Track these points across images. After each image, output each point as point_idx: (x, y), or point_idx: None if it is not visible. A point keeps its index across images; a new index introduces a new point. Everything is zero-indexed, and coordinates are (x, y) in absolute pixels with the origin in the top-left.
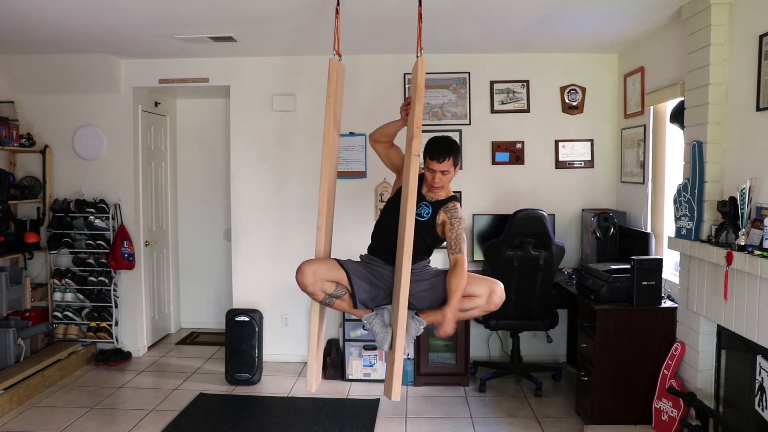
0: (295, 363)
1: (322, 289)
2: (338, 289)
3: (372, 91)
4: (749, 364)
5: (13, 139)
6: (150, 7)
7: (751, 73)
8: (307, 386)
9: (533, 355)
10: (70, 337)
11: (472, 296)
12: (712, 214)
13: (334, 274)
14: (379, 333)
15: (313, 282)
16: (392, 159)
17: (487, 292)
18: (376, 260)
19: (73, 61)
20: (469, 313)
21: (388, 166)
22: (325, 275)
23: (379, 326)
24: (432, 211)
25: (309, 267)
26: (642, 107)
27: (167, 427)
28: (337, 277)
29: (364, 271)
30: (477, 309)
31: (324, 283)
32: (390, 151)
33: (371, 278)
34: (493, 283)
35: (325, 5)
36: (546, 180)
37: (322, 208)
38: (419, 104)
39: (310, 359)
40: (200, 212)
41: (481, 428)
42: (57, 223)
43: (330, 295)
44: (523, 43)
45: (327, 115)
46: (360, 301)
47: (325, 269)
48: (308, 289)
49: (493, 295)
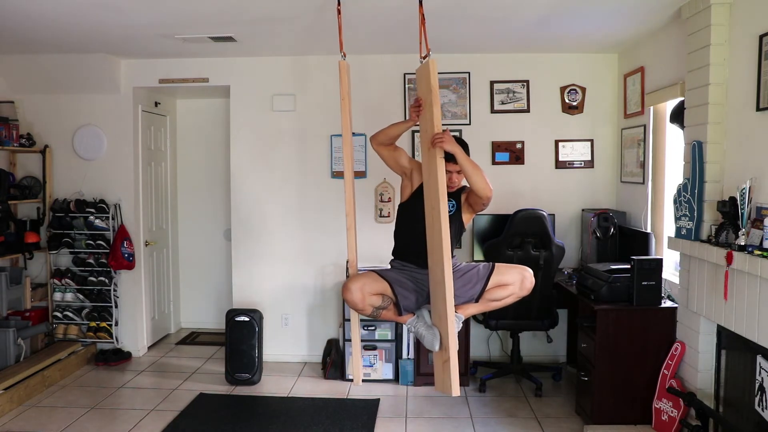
0: (295, 363)
1: (371, 304)
2: (384, 301)
3: (372, 92)
4: (749, 364)
5: (13, 139)
6: (150, 7)
7: (751, 73)
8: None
9: (533, 355)
10: (70, 337)
11: (505, 285)
12: (712, 214)
13: (378, 286)
14: (426, 335)
15: (362, 298)
16: (399, 161)
17: (519, 279)
18: (409, 265)
19: (73, 61)
20: (504, 301)
21: (394, 168)
22: (370, 289)
23: (424, 329)
24: (456, 203)
25: (355, 284)
26: (642, 107)
27: (167, 427)
28: (381, 289)
29: (403, 278)
30: (511, 296)
31: (371, 297)
32: (396, 153)
33: (408, 284)
34: (523, 269)
35: (326, 6)
36: (546, 180)
37: (349, 209)
38: (437, 106)
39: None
40: (200, 212)
41: (481, 428)
42: (57, 223)
43: (377, 308)
44: (523, 43)
45: (343, 117)
46: (404, 308)
47: (370, 283)
48: (358, 306)
49: (525, 281)
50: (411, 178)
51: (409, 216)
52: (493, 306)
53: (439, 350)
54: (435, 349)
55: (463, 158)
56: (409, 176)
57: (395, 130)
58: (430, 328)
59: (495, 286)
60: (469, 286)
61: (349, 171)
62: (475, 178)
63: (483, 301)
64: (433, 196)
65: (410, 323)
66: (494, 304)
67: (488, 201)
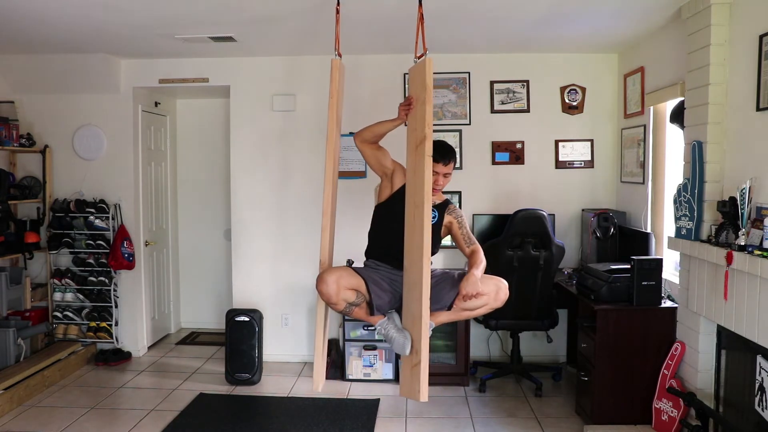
0: (295, 363)
1: (344, 299)
2: (358, 297)
3: (372, 91)
4: (749, 364)
5: (13, 139)
6: (150, 7)
7: (751, 73)
8: (314, 386)
9: (533, 355)
10: (70, 337)
11: (479, 294)
12: (712, 214)
13: (353, 281)
14: (396, 338)
15: (337, 291)
16: (381, 161)
17: (494, 290)
18: (384, 266)
19: (73, 61)
20: (477, 311)
21: (375, 168)
22: (346, 283)
23: (394, 331)
24: (438, 214)
25: (331, 276)
26: (642, 107)
27: (167, 427)
28: (356, 285)
29: (377, 277)
30: (485, 307)
31: (346, 292)
32: (378, 153)
33: (384, 284)
34: (499, 281)
35: (325, 5)
36: (546, 180)
37: (326, 209)
38: (429, 105)
39: (317, 359)
40: (200, 212)
41: (481, 428)
42: (57, 223)
43: (350, 304)
44: (523, 43)
45: (330, 115)
46: (377, 307)
47: (347, 277)
48: (331, 299)
49: (500, 292)
50: (392, 179)
51: (387, 216)
52: (465, 315)
53: (409, 354)
54: (405, 353)
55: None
56: (389, 177)
57: (382, 128)
58: (401, 331)
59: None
60: (443, 293)
61: (331, 170)
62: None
63: (455, 309)
64: (418, 193)
65: (380, 324)
66: (466, 314)
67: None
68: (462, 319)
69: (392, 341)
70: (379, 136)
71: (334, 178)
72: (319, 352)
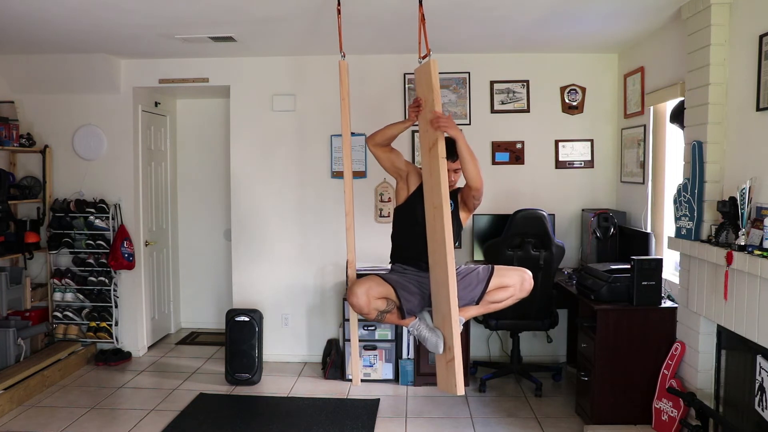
0: (295, 363)
1: (376, 308)
2: (389, 305)
3: (372, 91)
4: (749, 364)
5: (13, 139)
6: (150, 7)
7: (751, 73)
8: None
9: (533, 355)
10: (70, 337)
11: (506, 287)
12: (712, 214)
13: (382, 290)
14: (429, 338)
15: (367, 303)
16: (395, 163)
17: (519, 281)
18: (410, 269)
19: (73, 61)
20: (505, 303)
21: (390, 170)
22: (376, 293)
23: (426, 331)
24: (454, 203)
25: (361, 288)
26: (642, 107)
27: (167, 427)
28: (385, 293)
29: (405, 282)
30: (511, 298)
31: (376, 301)
32: (392, 155)
33: (410, 287)
34: (523, 271)
35: (326, 6)
36: (546, 180)
37: (349, 209)
38: (438, 106)
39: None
40: (200, 212)
41: (481, 428)
42: (57, 223)
43: (382, 312)
44: (523, 43)
45: (343, 117)
46: (408, 311)
47: (375, 287)
48: (363, 310)
49: (525, 283)
50: (407, 181)
51: (407, 219)
52: (493, 308)
53: (443, 352)
54: (439, 352)
55: (463, 144)
56: (404, 179)
57: (393, 130)
58: (433, 330)
59: (495, 288)
60: (469, 288)
61: (349, 171)
62: (469, 166)
63: (484, 303)
64: (435, 195)
65: (412, 326)
66: (494, 306)
67: (479, 194)
68: (490, 312)
69: (425, 341)
70: (390, 138)
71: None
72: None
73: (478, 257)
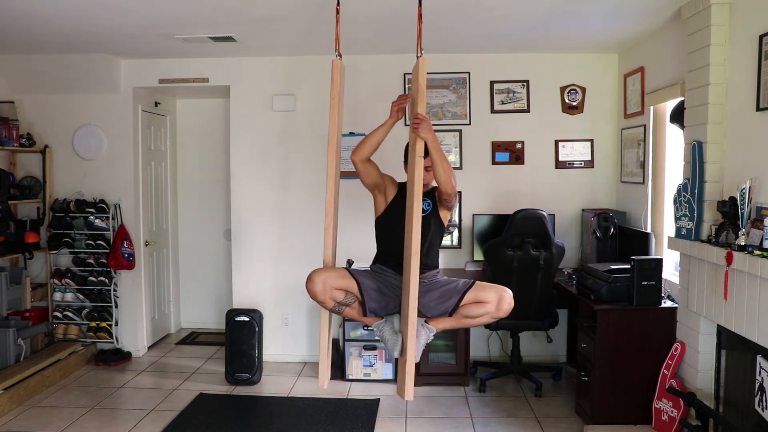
0: (295, 363)
1: (332, 297)
2: (347, 298)
3: (372, 91)
4: (749, 364)
5: (13, 139)
6: (150, 7)
7: (751, 73)
8: (320, 384)
9: (533, 355)
10: (70, 337)
11: (482, 302)
12: (712, 214)
13: (343, 282)
14: (389, 340)
15: (323, 290)
16: (374, 178)
17: (496, 299)
18: (387, 270)
19: (73, 61)
20: (479, 320)
21: (370, 186)
22: (334, 284)
23: (389, 333)
24: (431, 201)
25: (319, 276)
26: (642, 107)
27: (167, 427)
28: (346, 286)
29: (374, 281)
30: (486, 315)
31: (333, 291)
32: (371, 168)
33: (381, 288)
34: (502, 290)
35: (325, 5)
36: (546, 180)
37: (329, 209)
38: (422, 105)
39: (322, 358)
40: (200, 212)
41: (481, 428)
42: (57, 223)
43: (339, 303)
44: (523, 43)
45: (332, 118)
46: (370, 309)
47: (335, 277)
48: (318, 297)
49: (502, 302)
50: (385, 192)
51: (387, 225)
52: (466, 323)
53: (400, 356)
54: (395, 355)
55: (434, 147)
56: (382, 191)
57: (377, 136)
58: (395, 334)
59: (471, 302)
60: (444, 298)
61: (333, 170)
62: (440, 170)
63: (457, 316)
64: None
65: (376, 326)
66: (468, 321)
67: (450, 198)
68: (463, 327)
69: (385, 342)
70: (376, 144)
71: (336, 179)
72: (324, 351)
73: (478, 257)
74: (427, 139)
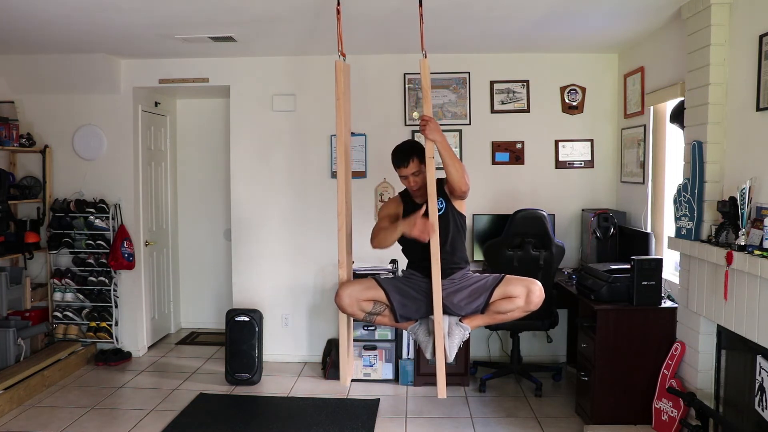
0: (295, 363)
1: (361, 309)
2: (376, 307)
3: (372, 91)
4: (749, 364)
5: (13, 139)
6: (150, 7)
7: (751, 73)
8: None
9: (533, 355)
10: (70, 337)
11: (511, 297)
12: (712, 214)
13: (370, 293)
14: (422, 342)
15: (350, 303)
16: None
17: (524, 293)
18: (416, 274)
19: (73, 61)
20: (511, 315)
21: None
22: (361, 296)
23: (422, 335)
24: (443, 199)
25: (345, 290)
26: (642, 107)
27: (167, 427)
28: (373, 296)
29: (403, 287)
30: (517, 310)
31: (361, 303)
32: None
33: (411, 292)
34: (531, 282)
35: (326, 5)
36: (546, 180)
37: (341, 209)
38: (428, 106)
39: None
40: (200, 212)
41: (481, 428)
42: (57, 223)
43: (369, 313)
44: (523, 43)
45: (338, 117)
46: (400, 315)
47: (360, 290)
48: (347, 310)
49: (531, 295)
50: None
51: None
52: (499, 318)
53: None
54: (428, 356)
55: (443, 147)
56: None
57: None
58: (428, 336)
59: (500, 298)
60: (474, 296)
61: (343, 171)
62: (451, 170)
63: (489, 312)
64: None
65: (411, 329)
66: (500, 317)
67: (463, 195)
68: (498, 322)
69: (420, 344)
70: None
71: (348, 179)
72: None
73: (478, 257)
74: (436, 140)
